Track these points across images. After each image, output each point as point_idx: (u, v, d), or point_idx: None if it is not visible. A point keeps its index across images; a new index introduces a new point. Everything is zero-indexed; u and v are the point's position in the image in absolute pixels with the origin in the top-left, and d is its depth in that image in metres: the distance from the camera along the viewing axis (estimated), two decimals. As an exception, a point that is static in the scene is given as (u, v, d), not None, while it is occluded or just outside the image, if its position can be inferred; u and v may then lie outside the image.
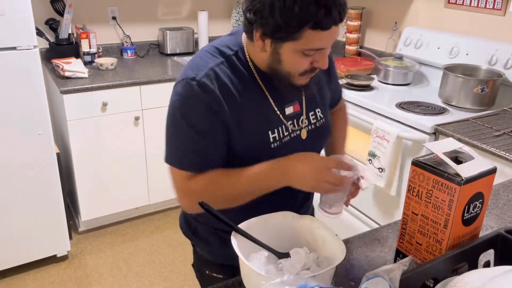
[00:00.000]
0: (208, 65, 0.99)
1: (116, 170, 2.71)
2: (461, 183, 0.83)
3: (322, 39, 0.91)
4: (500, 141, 1.77)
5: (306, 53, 0.94)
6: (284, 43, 0.93)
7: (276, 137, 1.05)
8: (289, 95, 1.08)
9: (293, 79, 1.00)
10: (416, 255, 0.96)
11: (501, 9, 2.28)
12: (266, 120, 1.04)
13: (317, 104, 1.15)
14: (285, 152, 1.02)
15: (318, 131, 1.14)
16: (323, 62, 0.97)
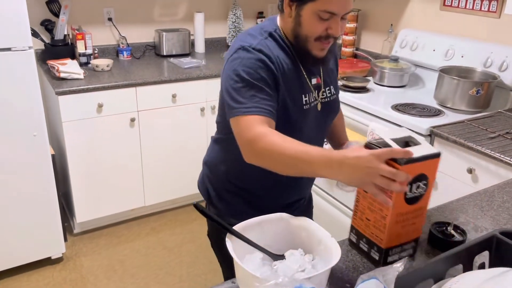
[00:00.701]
0: (258, 38, 1.16)
1: (111, 172, 2.70)
2: (402, 163, 0.89)
3: (336, 5, 1.07)
4: (495, 143, 1.78)
5: (322, 16, 1.09)
6: (306, 5, 1.10)
7: (308, 100, 1.22)
8: (311, 68, 1.24)
9: (310, 44, 1.14)
10: (366, 231, 1.03)
11: (496, 11, 2.29)
12: (301, 86, 1.21)
13: (331, 81, 1.32)
14: (310, 116, 1.23)
15: (330, 105, 1.31)
16: (336, 29, 1.11)
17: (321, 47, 1.15)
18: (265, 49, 1.14)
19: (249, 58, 1.12)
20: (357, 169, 0.89)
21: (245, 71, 1.11)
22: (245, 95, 1.10)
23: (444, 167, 1.93)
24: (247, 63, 1.12)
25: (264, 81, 1.12)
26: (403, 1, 2.78)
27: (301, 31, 1.14)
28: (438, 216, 1.25)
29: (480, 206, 1.30)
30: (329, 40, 1.14)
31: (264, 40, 1.16)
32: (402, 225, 0.99)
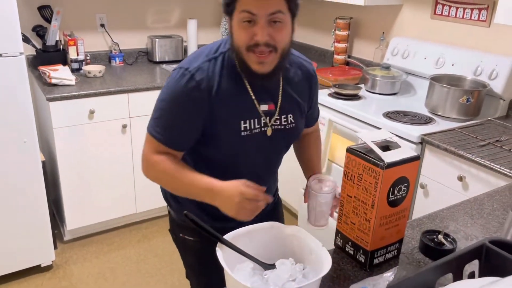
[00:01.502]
0: (200, 60, 1.13)
1: (102, 179, 2.68)
2: (384, 167, 0.93)
3: (251, 4, 1.03)
4: (485, 151, 1.79)
5: (244, 20, 1.04)
6: (232, 17, 1.08)
7: (247, 127, 1.17)
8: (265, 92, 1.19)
9: (245, 57, 1.09)
10: (351, 234, 1.06)
11: (486, 20, 2.32)
12: (242, 111, 1.17)
13: (292, 110, 1.25)
14: (252, 142, 1.18)
15: (285, 132, 1.25)
16: (260, 34, 1.04)
17: (258, 60, 1.07)
18: (198, 75, 1.10)
19: (178, 85, 1.11)
20: (228, 201, 1.04)
21: (171, 96, 1.13)
22: (163, 118, 1.15)
23: (435, 175, 1.94)
24: (176, 88, 1.11)
25: (184, 111, 1.12)
26: (395, 10, 2.80)
27: (234, 43, 1.10)
28: (429, 224, 1.25)
29: (470, 214, 1.31)
30: (261, 49, 1.06)
31: (205, 63, 1.13)
32: (386, 227, 1.01)
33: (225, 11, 1.10)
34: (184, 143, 1.18)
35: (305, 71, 1.28)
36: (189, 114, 1.13)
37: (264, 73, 1.11)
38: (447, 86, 2.17)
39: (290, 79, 1.24)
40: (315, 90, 1.34)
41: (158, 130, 1.16)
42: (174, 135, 1.16)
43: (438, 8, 2.53)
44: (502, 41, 2.26)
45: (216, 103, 1.12)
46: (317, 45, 3.49)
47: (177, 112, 1.14)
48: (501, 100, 2.21)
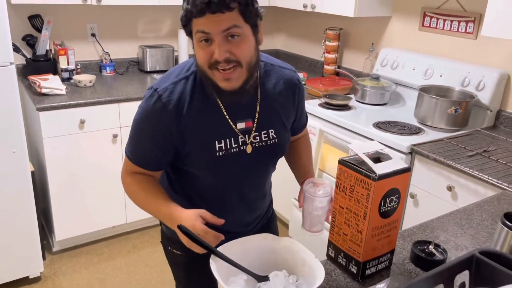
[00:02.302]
0: (170, 80, 1.12)
1: (92, 189, 2.66)
2: (376, 179, 0.94)
3: (202, 24, 1.01)
4: (473, 161, 1.82)
5: (201, 42, 1.04)
6: (193, 38, 1.06)
7: (223, 147, 1.15)
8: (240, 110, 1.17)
9: (210, 75, 1.07)
10: (343, 245, 1.06)
11: (473, 33, 2.37)
12: (216, 131, 1.14)
13: (272, 125, 1.22)
14: (229, 161, 1.16)
15: (267, 148, 1.21)
16: (218, 52, 1.02)
17: (223, 77, 1.05)
18: (165, 96, 1.09)
19: (147, 106, 1.11)
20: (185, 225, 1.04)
21: (141, 116, 1.13)
22: (135, 139, 1.17)
23: (424, 185, 1.96)
24: (147, 110, 1.11)
25: (151, 132, 1.13)
26: (384, 21, 2.85)
27: (197, 63, 1.09)
28: (420, 234, 1.27)
29: (460, 224, 1.33)
30: (223, 66, 1.03)
31: (174, 84, 1.11)
32: (377, 239, 1.02)
33: (186, 33, 1.09)
34: (155, 163, 1.19)
35: (287, 80, 1.24)
36: (156, 135, 1.13)
37: (234, 90, 1.08)
38: (436, 97, 2.20)
39: (269, 91, 1.20)
40: (300, 97, 1.30)
41: (130, 149, 1.18)
42: (144, 155, 1.17)
43: (426, 20, 2.58)
44: (489, 53, 2.30)
45: (187, 124, 1.11)
46: (308, 55, 3.52)
47: (145, 132, 1.15)
48: (488, 111, 2.25)
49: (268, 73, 1.21)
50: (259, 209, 1.36)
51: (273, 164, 1.30)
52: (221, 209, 1.20)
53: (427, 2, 2.56)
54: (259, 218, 1.39)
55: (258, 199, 1.34)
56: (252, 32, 1.06)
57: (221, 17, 0.99)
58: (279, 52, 3.82)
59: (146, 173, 1.20)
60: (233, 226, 1.26)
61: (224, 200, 1.24)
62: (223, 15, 0.99)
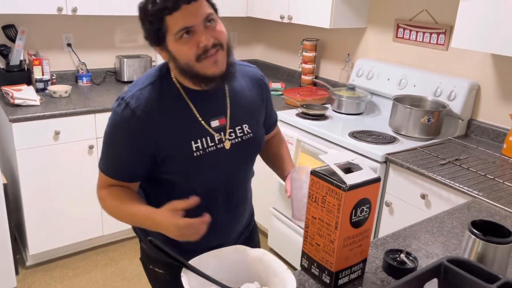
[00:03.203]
0: (136, 87, 1.12)
1: (68, 201, 2.61)
2: (346, 189, 0.95)
3: (182, 18, 1.02)
4: (445, 169, 1.86)
5: (182, 38, 1.04)
6: (166, 41, 1.06)
7: (200, 146, 1.14)
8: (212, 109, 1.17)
9: (198, 69, 1.07)
10: (316, 255, 1.07)
11: (444, 44, 2.43)
12: (190, 131, 1.14)
13: (245, 120, 1.24)
14: (208, 160, 1.15)
15: (244, 144, 1.23)
16: (205, 38, 1.04)
17: (212, 62, 1.07)
18: (133, 103, 1.09)
19: (116, 116, 1.11)
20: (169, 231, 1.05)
21: (110, 127, 1.13)
22: (108, 151, 1.16)
23: (399, 193, 1.99)
24: (115, 120, 1.11)
25: (123, 141, 1.12)
26: (359, 32, 2.90)
27: (181, 63, 1.08)
28: (392, 243, 1.28)
29: (432, 232, 1.35)
30: (210, 51, 1.06)
31: (141, 90, 1.11)
32: (349, 248, 1.03)
33: (155, 41, 1.08)
34: (131, 173, 1.17)
35: (251, 76, 1.28)
36: (128, 144, 1.11)
37: (222, 72, 1.10)
38: (409, 107, 2.24)
39: (236, 88, 1.23)
40: (267, 93, 1.33)
41: (103, 163, 1.17)
42: (119, 167, 1.15)
43: (400, 31, 2.64)
44: (459, 63, 2.37)
45: (159, 128, 1.10)
46: (286, 65, 3.56)
47: (117, 143, 1.13)
48: (460, 120, 2.31)
49: None
50: (243, 215, 1.35)
51: (251, 160, 1.31)
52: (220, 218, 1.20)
53: (400, 14, 2.63)
54: (243, 227, 1.38)
55: (241, 202, 1.33)
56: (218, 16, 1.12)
57: (196, 6, 1.03)
58: (257, 62, 3.85)
59: (123, 185, 1.17)
60: (218, 237, 1.26)
61: (207, 206, 1.19)
62: (196, 4, 1.03)
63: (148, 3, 1.04)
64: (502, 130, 2.21)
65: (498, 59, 2.21)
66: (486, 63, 2.26)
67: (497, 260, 1.00)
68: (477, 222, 1.06)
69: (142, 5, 1.06)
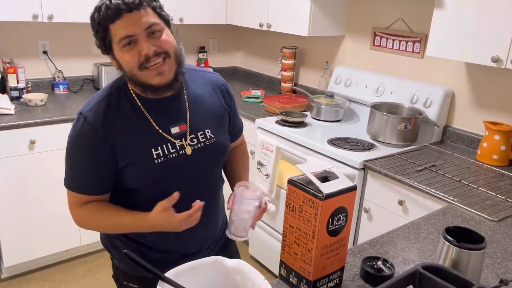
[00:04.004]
0: (93, 101, 1.15)
1: (44, 211, 2.56)
2: (322, 198, 0.96)
3: (123, 27, 1.05)
4: (422, 175, 1.89)
5: (125, 47, 1.07)
6: (113, 49, 1.09)
7: (160, 153, 1.16)
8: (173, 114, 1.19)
9: (142, 77, 1.09)
10: (294, 265, 1.07)
11: (419, 52, 2.48)
12: (149, 140, 1.15)
13: (207, 125, 1.25)
14: (171, 167, 1.17)
15: (207, 149, 1.24)
16: (146, 47, 1.07)
17: (156, 72, 1.09)
18: (91, 116, 1.11)
19: (76, 131, 1.13)
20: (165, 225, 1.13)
21: (72, 143, 1.15)
22: (72, 168, 1.17)
23: (377, 199, 2.02)
24: (75, 135, 1.13)
25: (86, 155, 1.13)
26: (337, 40, 2.94)
27: (125, 71, 1.11)
28: (370, 250, 1.30)
29: (408, 239, 1.37)
30: (154, 60, 1.07)
31: (98, 103, 1.13)
32: (327, 257, 1.04)
33: (104, 49, 1.11)
34: (100, 186, 1.17)
35: (212, 82, 1.30)
36: (92, 156, 1.13)
37: (168, 82, 1.11)
38: (387, 114, 2.28)
39: (195, 94, 1.24)
40: (231, 100, 1.34)
41: (69, 181, 1.18)
42: (87, 181, 1.16)
43: (377, 39, 2.69)
44: (435, 71, 2.42)
45: (118, 138, 1.12)
46: (266, 73, 3.57)
47: (80, 158, 1.14)
48: (436, 127, 2.36)
49: (192, 77, 1.27)
50: (216, 222, 1.34)
51: (217, 166, 1.31)
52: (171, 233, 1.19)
53: (377, 23, 2.67)
54: (218, 234, 1.37)
55: (212, 208, 1.31)
56: (168, 28, 1.13)
57: (138, 15, 1.06)
58: (238, 70, 3.86)
59: (95, 199, 1.18)
60: (191, 245, 1.25)
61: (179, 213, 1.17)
62: (139, 13, 1.06)
63: (94, 13, 1.08)
64: (476, 136, 2.26)
65: (472, 67, 2.26)
66: (460, 71, 2.31)
67: (470, 266, 1.01)
68: (451, 229, 1.08)
69: (91, 15, 1.10)
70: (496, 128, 2.04)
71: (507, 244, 1.37)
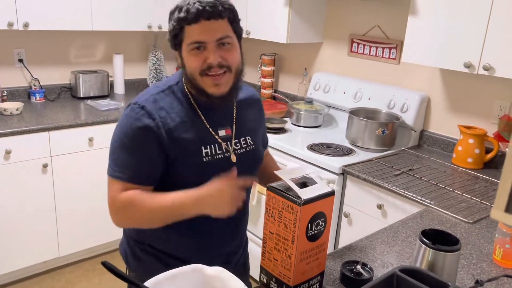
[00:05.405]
0: (149, 93, 1.18)
1: (20, 223, 2.50)
2: (301, 204, 0.98)
3: (198, 32, 1.10)
4: (399, 179, 1.92)
5: (193, 50, 1.12)
6: (182, 48, 1.14)
7: (208, 152, 1.18)
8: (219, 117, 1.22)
9: (200, 82, 1.14)
10: (274, 271, 1.08)
11: (395, 58, 2.53)
12: (200, 137, 1.18)
13: (248, 132, 1.29)
14: (216, 168, 1.17)
15: (248, 155, 1.27)
16: (212, 57, 1.11)
17: (214, 82, 1.13)
18: (148, 106, 1.14)
19: (131, 119, 1.13)
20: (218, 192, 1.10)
21: (125, 132, 1.14)
22: (124, 156, 1.15)
23: (356, 204, 2.04)
24: (128, 124, 1.14)
25: (141, 144, 1.13)
26: (316, 47, 2.97)
27: (187, 71, 1.15)
28: (350, 254, 1.31)
29: (387, 242, 1.39)
30: (215, 70, 1.11)
31: (154, 95, 1.16)
32: (306, 262, 1.05)
33: (174, 45, 1.16)
34: (150, 176, 1.16)
35: (252, 95, 1.35)
36: (146, 146, 1.13)
37: (222, 95, 1.15)
38: (365, 119, 2.31)
39: (242, 102, 1.29)
40: (263, 114, 1.40)
41: (119, 169, 1.14)
42: (139, 170, 1.15)
43: (354, 46, 2.73)
44: (410, 77, 2.47)
45: (172, 132, 1.14)
46: (246, 79, 3.56)
47: (134, 146, 1.14)
48: (413, 131, 2.40)
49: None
50: (242, 231, 1.36)
51: (254, 172, 1.32)
52: (205, 231, 1.23)
53: (354, 30, 2.71)
54: (241, 249, 1.37)
55: (242, 219, 1.34)
56: (238, 42, 1.18)
57: (215, 25, 1.10)
58: (217, 77, 3.85)
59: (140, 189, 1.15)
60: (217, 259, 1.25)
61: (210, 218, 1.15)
62: (216, 23, 1.10)
63: (176, 9, 1.12)
64: (451, 140, 2.32)
65: (446, 73, 2.32)
66: (435, 77, 2.37)
67: (446, 268, 1.04)
68: (428, 231, 1.10)
69: (172, 9, 1.14)
70: (470, 132, 2.09)
71: (482, 245, 1.41)
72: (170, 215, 1.14)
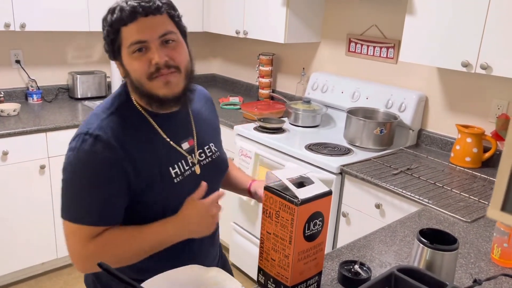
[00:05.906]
0: (99, 118, 1.02)
1: (18, 224, 2.49)
2: (298, 204, 0.97)
3: (136, 31, 0.99)
4: (397, 179, 1.92)
5: (135, 53, 1.00)
6: (121, 54, 1.02)
7: (178, 172, 1.09)
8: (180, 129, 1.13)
9: (149, 87, 1.02)
10: (272, 271, 1.07)
11: (393, 58, 2.53)
12: (165, 157, 1.07)
13: (211, 138, 1.22)
14: (186, 186, 1.09)
15: (214, 163, 1.20)
16: (158, 56, 1.00)
17: (163, 81, 1.01)
18: (104, 135, 0.99)
19: (86, 152, 0.98)
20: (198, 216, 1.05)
21: (84, 169, 0.99)
22: (84, 197, 1.00)
23: (355, 203, 2.04)
24: (86, 157, 0.98)
25: (105, 179, 0.99)
26: (313, 47, 2.97)
27: (133, 79, 1.02)
28: (347, 254, 1.31)
29: (385, 242, 1.39)
30: (163, 71, 1.00)
31: (106, 119, 1.02)
32: (304, 262, 1.04)
33: (112, 53, 1.04)
34: (118, 211, 1.03)
35: (204, 95, 1.28)
36: (111, 179, 0.99)
37: (175, 95, 1.03)
38: (363, 119, 2.31)
39: (197, 108, 1.21)
40: (215, 108, 1.32)
41: (83, 213, 1.00)
42: (104, 210, 1.01)
43: (352, 45, 2.73)
44: (408, 76, 2.47)
45: (135, 157, 1.01)
46: (243, 79, 3.58)
47: (95, 182, 0.99)
48: (411, 131, 2.40)
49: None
50: (217, 238, 1.30)
51: (221, 179, 1.27)
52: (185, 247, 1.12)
53: (352, 29, 2.71)
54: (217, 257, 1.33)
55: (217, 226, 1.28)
56: (185, 41, 1.08)
57: (154, 21, 1.00)
58: (215, 77, 3.85)
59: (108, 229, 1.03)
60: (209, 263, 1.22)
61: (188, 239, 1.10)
62: (155, 18, 1.00)
63: (108, 14, 1.02)
64: (449, 139, 2.31)
65: (443, 72, 2.32)
66: (432, 76, 2.37)
67: (444, 267, 1.03)
68: (425, 231, 1.09)
69: (103, 16, 1.04)
70: (468, 131, 2.09)
71: (480, 245, 1.40)
72: (151, 251, 1.04)
